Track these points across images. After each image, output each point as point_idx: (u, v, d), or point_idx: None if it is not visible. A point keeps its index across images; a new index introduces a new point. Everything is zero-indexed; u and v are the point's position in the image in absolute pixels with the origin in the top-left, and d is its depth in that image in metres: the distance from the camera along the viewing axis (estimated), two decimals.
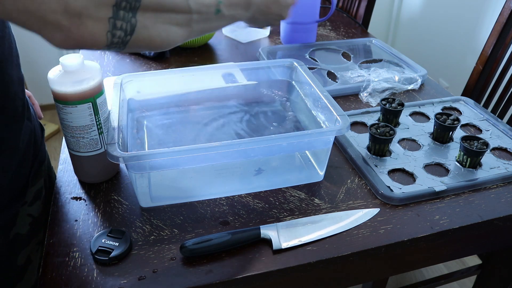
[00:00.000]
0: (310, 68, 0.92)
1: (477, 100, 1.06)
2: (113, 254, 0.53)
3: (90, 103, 0.60)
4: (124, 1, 0.42)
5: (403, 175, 0.69)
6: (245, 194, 0.65)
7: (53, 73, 0.59)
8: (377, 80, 0.94)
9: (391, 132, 0.71)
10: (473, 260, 1.44)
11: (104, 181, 0.67)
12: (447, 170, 0.70)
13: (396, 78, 0.95)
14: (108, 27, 0.42)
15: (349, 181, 0.68)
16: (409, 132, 0.79)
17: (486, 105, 1.07)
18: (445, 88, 1.28)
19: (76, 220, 0.60)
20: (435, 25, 2.02)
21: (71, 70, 0.59)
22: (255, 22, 0.62)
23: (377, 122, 0.75)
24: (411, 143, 0.76)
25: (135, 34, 0.44)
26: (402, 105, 0.79)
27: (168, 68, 0.94)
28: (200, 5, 0.49)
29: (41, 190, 0.66)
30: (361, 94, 0.91)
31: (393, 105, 0.79)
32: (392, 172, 0.69)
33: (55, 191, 0.65)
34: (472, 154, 0.68)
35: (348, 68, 1.02)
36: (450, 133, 0.76)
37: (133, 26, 0.44)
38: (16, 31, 0.55)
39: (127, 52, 0.61)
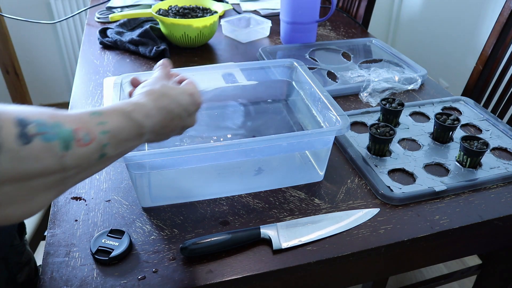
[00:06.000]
0: (310, 68, 0.92)
1: (477, 100, 1.06)
2: (113, 254, 0.53)
3: None
4: None
5: (403, 175, 0.69)
6: (245, 194, 0.65)
7: None
8: (377, 80, 0.94)
9: (391, 132, 0.71)
10: (473, 260, 1.44)
11: (104, 181, 0.67)
12: (447, 170, 0.70)
13: (396, 78, 0.95)
14: None
15: (349, 181, 0.68)
16: (409, 132, 0.79)
17: (486, 105, 1.07)
18: (445, 88, 1.28)
19: (76, 220, 0.60)
20: (435, 25, 2.02)
21: None
22: (154, 141, 0.52)
23: (377, 122, 0.75)
24: (411, 143, 0.76)
25: None
26: (402, 105, 0.79)
27: None
28: (79, 158, 0.38)
29: None
30: (361, 94, 0.91)
31: (393, 105, 0.79)
32: (392, 172, 0.69)
33: None
34: (472, 154, 0.68)
35: (348, 68, 1.02)
36: (450, 133, 0.76)
37: None
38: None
39: None
